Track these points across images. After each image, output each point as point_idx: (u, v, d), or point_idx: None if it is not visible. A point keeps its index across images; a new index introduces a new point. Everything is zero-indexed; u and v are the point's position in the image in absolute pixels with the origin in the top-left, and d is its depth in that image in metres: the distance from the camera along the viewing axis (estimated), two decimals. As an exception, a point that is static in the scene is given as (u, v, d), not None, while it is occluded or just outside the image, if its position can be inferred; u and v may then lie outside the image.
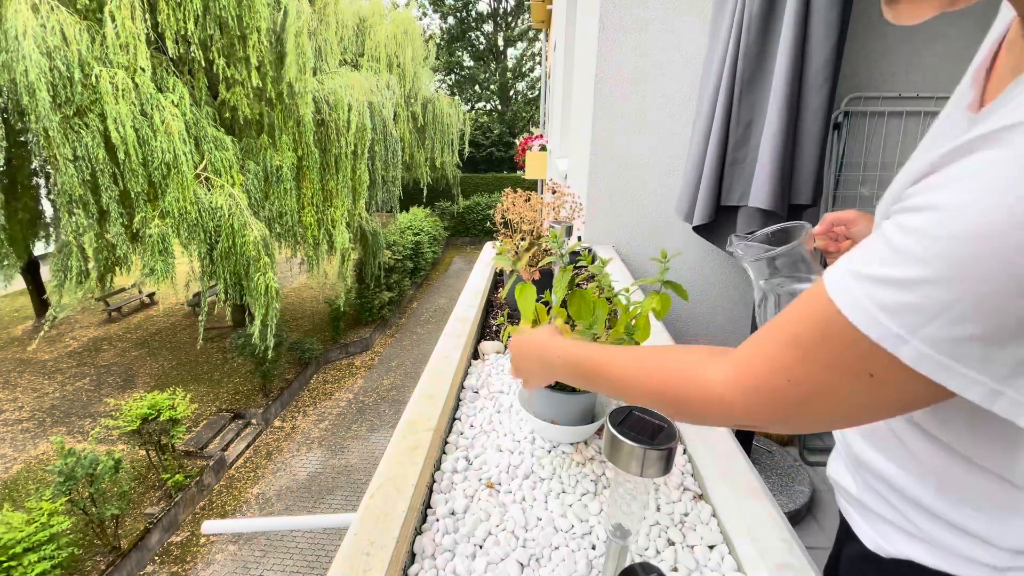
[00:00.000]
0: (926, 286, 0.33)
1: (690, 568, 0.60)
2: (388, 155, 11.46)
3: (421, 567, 0.59)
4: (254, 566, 6.28)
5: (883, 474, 0.56)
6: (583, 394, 0.77)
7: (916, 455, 0.52)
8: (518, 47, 24.63)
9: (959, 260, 0.32)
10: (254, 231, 6.69)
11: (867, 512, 0.60)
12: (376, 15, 12.43)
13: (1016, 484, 0.45)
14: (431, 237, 16.02)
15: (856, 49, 1.85)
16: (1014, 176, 0.30)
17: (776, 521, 0.61)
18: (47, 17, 5.51)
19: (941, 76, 1.91)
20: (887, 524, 0.57)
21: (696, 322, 2.07)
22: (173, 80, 6.36)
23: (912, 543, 0.54)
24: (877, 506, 0.58)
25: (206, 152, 6.54)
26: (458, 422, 0.89)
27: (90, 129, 5.75)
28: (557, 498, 0.71)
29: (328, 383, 10.36)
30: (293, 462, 8.15)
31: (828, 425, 0.45)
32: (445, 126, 15.06)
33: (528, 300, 0.79)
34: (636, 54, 1.86)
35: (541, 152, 5.60)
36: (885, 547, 0.57)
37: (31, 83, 5.30)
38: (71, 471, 5.54)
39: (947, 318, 0.33)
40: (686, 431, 0.81)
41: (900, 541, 0.55)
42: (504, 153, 22.01)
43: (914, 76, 1.92)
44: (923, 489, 0.52)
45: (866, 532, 0.60)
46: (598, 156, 1.98)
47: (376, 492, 0.63)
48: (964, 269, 0.32)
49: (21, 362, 9.66)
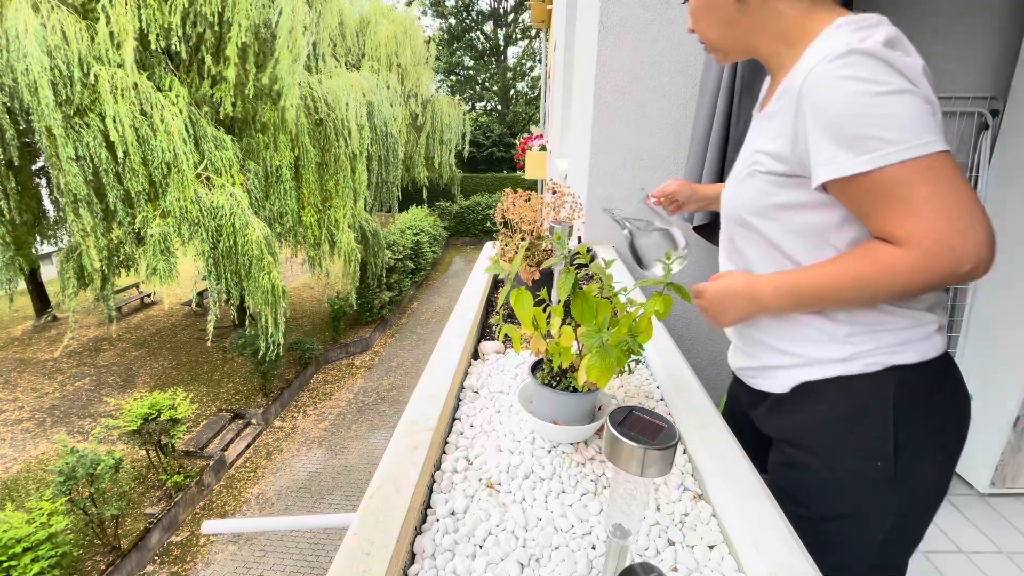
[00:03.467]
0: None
1: (690, 568, 0.59)
2: (388, 155, 11.45)
3: (421, 567, 0.59)
4: (254, 566, 6.28)
5: (761, 328, 0.83)
6: (583, 394, 0.77)
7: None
8: (519, 46, 24.64)
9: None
10: (256, 230, 6.69)
11: (762, 371, 0.85)
12: (377, 15, 12.42)
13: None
14: (431, 237, 16.02)
15: (856, 49, 1.85)
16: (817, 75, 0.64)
17: (776, 521, 0.61)
18: (47, 16, 5.51)
19: (941, 76, 1.91)
20: (776, 369, 0.82)
21: (697, 322, 2.07)
22: (171, 79, 6.36)
23: (793, 371, 0.80)
24: (765, 358, 0.84)
25: (206, 151, 6.54)
26: (458, 422, 0.89)
27: (91, 128, 5.75)
28: (557, 498, 0.71)
29: (328, 383, 10.36)
30: (293, 462, 8.15)
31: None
32: (445, 126, 15.05)
33: (525, 306, 0.79)
34: (636, 54, 1.86)
35: (541, 152, 5.60)
36: (784, 383, 0.81)
37: (33, 81, 5.30)
38: (71, 471, 5.54)
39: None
40: (686, 431, 0.81)
41: (786, 375, 0.81)
42: (504, 153, 22.00)
43: (914, 76, 1.92)
44: (791, 324, 0.79)
45: (765, 384, 0.85)
46: (598, 156, 1.98)
47: (376, 492, 0.63)
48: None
49: (21, 362, 9.66)
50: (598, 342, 0.69)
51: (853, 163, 0.62)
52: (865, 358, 0.73)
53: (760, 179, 0.76)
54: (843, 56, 0.61)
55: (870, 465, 0.73)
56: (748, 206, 0.79)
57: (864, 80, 0.60)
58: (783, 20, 0.72)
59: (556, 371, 0.80)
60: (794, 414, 0.81)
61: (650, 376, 1.03)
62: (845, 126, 0.62)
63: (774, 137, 0.72)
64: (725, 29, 0.78)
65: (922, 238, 0.61)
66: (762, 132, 0.77)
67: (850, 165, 0.62)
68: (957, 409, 0.77)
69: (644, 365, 1.07)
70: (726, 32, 0.78)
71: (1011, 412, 1.82)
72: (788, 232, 0.75)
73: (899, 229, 0.63)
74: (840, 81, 0.62)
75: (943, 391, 0.75)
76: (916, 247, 0.62)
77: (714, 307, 0.84)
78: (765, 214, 0.77)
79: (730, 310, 0.82)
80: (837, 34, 0.66)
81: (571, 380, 0.78)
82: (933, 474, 0.75)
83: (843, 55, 0.61)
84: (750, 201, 0.78)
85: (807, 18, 0.70)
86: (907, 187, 0.61)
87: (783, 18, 0.72)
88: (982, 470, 1.93)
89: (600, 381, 0.68)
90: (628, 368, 0.77)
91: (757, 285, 0.78)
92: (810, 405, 0.79)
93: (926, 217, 0.61)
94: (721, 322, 0.85)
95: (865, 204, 0.65)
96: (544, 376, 0.80)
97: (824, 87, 0.63)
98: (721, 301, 0.82)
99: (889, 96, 0.60)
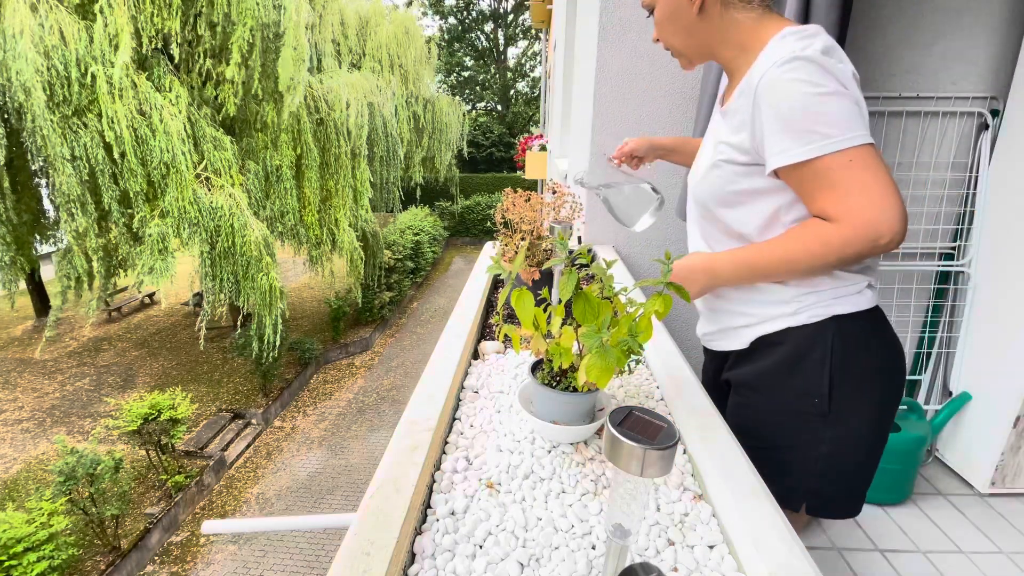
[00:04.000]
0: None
1: (690, 568, 0.59)
2: (388, 155, 11.45)
3: (421, 567, 0.59)
4: (254, 566, 6.28)
5: (724, 297, 0.97)
6: (583, 394, 0.77)
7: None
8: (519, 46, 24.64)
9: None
10: (255, 231, 6.68)
11: (724, 332, 1.00)
12: (378, 15, 12.41)
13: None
14: (431, 237, 16.01)
15: (856, 49, 1.85)
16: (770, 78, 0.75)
17: (776, 521, 0.61)
18: (45, 16, 5.51)
19: (941, 76, 1.91)
20: (738, 328, 0.96)
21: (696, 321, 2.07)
22: (170, 79, 6.35)
23: (751, 329, 0.93)
24: (728, 321, 0.98)
25: (205, 152, 6.53)
26: (458, 422, 0.89)
27: (88, 129, 5.74)
28: (557, 498, 0.71)
29: (328, 383, 10.36)
30: (293, 462, 8.14)
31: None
32: (445, 126, 15.03)
33: (526, 306, 0.79)
34: (636, 54, 1.86)
35: (541, 152, 5.59)
36: (744, 340, 0.95)
37: (25, 82, 5.29)
38: (71, 471, 5.54)
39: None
40: (686, 431, 0.81)
41: (746, 333, 0.94)
42: (504, 153, 21.99)
43: (914, 76, 1.92)
44: (748, 291, 0.92)
45: (728, 344, 1.00)
46: (598, 156, 1.98)
47: (376, 492, 0.63)
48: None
49: (21, 362, 9.66)
50: (598, 342, 0.69)
51: (798, 152, 0.74)
52: (809, 310, 0.86)
53: (725, 168, 0.87)
54: (789, 62, 0.73)
55: (808, 402, 0.88)
56: (713, 192, 0.90)
57: (807, 82, 0.72)
58: (738, 29, 0.83)
59: (556, 371, 0.80)
60: (750, 363, 0.96)
61: (650, 376, 1.03)
62: (794, 121, 0.73)
63: (735, 131, 0.83)
64: (687, 37, 0.88)
65: (851, 215, 0.73)
66: (725, 125, 0.87)
67: (797, 154, 0.74)
68: (888, 356, 0.89)
69: (644, 365, 1.07)
70: (688, 40, 0.88)
71: (1011, 412, 1.82)
72: (746, 213, 0.88)
73: (832, 208, 0.75)
74: (789, 83, 0.73)
75: (874, 338, 0.88)
76: (846, 223, 0.74)
77: (679, 283, 0.92)
78: (728, 199, 0.89)
79: (692, 284, 0.92)
80: (783, 43, 0.76)
81: (571, 380, 0.78)
82: (865, 414, 0.88)
83: (789, 61, 0.73)
84: (717, 187, 0.89)
85: (758, 27, 0.82)
86: (838, 172, 0.73)
87: (738, 27, 0.83)
88: (982, 470, 1.93)
89: (600, 381, 0.68)
90: (628, 368, 0.77)
91: (715, 261, 0.91)
92: (765, 354, 0.93)
93: (855, 198, 0.73)
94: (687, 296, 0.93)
95: (807, 187, 0.77)
96: (544, 376, 0.80)
97: (775, 88, 0.74)
98: (684, 278, 0.93)
99: (827, 96, 0.71)
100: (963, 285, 2.04)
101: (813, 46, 0.73)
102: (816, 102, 0.71)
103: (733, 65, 0.87)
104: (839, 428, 0.87)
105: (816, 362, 0.86)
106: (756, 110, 0.77)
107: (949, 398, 2.06)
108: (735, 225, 0.90)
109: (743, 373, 0.98)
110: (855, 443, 0.90)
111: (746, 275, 0.88)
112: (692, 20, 0.84)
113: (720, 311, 0.99)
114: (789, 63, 0.72)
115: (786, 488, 0.90)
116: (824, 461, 0.90)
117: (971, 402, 1.98)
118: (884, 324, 0.90)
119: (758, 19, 0.82)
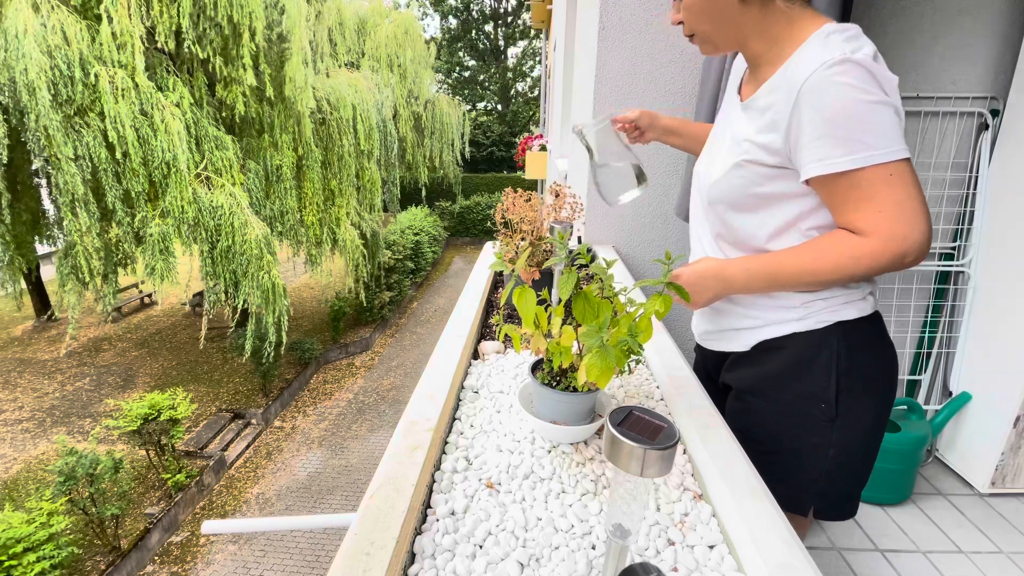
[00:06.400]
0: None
1: (690, 568, 0.59)
2: (388, 155, 11.45)
3: (421, 567, 0.59)
4: (254, 566, 6.28)
5: (729, 298, 0.93)
6: (583, 394, 0.77)
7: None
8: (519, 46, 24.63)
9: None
10: (255, 230, 6.68)
11: (724, 334, 0.98)
12: (377, 15, 12.40)
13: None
14: (431, 237, 16.00)
15: (856, 49, 1.85)
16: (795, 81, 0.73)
17: (776, 521, 0.61)
18: (47, 16, 5.51)
19: (941, 76, 1.91)
20: (739, 330, 0.94)
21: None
22: (173, 79, 6.35)
23: (754, 332, 0.92)
24: (729, 323, 0.96)
25: (206, 152, 6.53)
26: (458, 422, 0.89)
27: (91, 128, 5.75)
28: (557, 498, 0.71)
29: (328, 383, 10.36)
30: (293, 462, 8.14)
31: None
32: (445, 126, 15.02)
33: (528, 304, 0.79)
34: (636, 54, 1.86)
35: (541, 152, 5.59)
36: (747, 342, 0.93)
37: (31, 82, 5.29)
38: (71, 471, 5.53)
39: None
40: (686, 431, 0.81)
41: (749, 335, 0.93)
42: (504, 153, 21.99)
43: (914, 76, 1.92)
44: (753, 295, 0.89)
45: (728, 345, 0.98)
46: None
47: (376, 492, 0.63)
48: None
49: (21, 362, 9.66)
50: (598, 342, 0.69)
51: (840, 161, 0.71)
52: (816, 316, 0.86)
53: (750, 169, 0.82)
54: (840, 64, 0.68)
55: (815, 406, 0.87)
56: (733, 194, 0.86)
57: (858, 88, 0.68)
58: (776, 20, 0.78)
59: (556, 371, 0.80)
60: (752, 366, 0.94)
61: (650, 376, 1.03)
62: (839, 127, 0.70)
63: (764, 130, 0.78)
64: (721, 24, 0.81)
65: (883, 231, 0.72)
66: (750, 122, 0.82)
67: (838, 163, 0.71)
68: (887, 358, 0.90)
69: (644, 365, 1.06)
70: (720, 27, 0.82)
71: (1011, 412, 1.82)
72: (763, 218, 0.84)
73: (863, 221, 0.73)
74: (839, 87, 0.69)
75: (876, 342, 0.88)
76: (877, 238, 0.72)
77: (689, 289, 0.91)
78: (746, 203, 0.85)
79: (704, 291, 0.89)
80: (828, 41, 0.72)
81: (571, 380, 0.78)
82: (868, 414, 0.88)
83: (840, 63, 0.68)
84: (738, 189, 0.84)
85: (797, 21, 0.77)
86: (877, 186, 0.71)
87: (777, 18, 0.78)
88: (982, 470, 1.93)
89: (600, 381, 0.68)
90: (628, 368, 0.77)
91: (728, 268, 0.88)
92: (768, 358, 0.92)
93: (890, 213, 0.71)
94: (696, 302, 0.92)
95: (839, 197, 0.74)
96: (544, 376, 0.80)
97: (823, 90, 0.70)
98: (695, 284, 0.89)
99: (875, 105, 0.68)
100: (963, 285, 2.04)
101: (863, 50, 0.69)
102: (865, 109, 0.68)
103: (763, 58, 0.81)
104: (845, 431, 0.87)
105: (823, 366, 0.86)
106: (796, 111, 0.72)
107: (949, 398, 2.06)
108: (745, 229, 0.87)
109: (745, 377, 0.96)
110: (859, 445, 0.90)
111: (763, 285, 0.85)
112: (731, 6, 0.78)
113: (723, 312, 0.97)
114: (840, 65, 0.68)
115: (794, 491, 0.91)
116: (832, 463, 0.89)
117: (971, 402, 1.98)
118: (883, 328, 0.90)
119: (798, 14, 0.77)
